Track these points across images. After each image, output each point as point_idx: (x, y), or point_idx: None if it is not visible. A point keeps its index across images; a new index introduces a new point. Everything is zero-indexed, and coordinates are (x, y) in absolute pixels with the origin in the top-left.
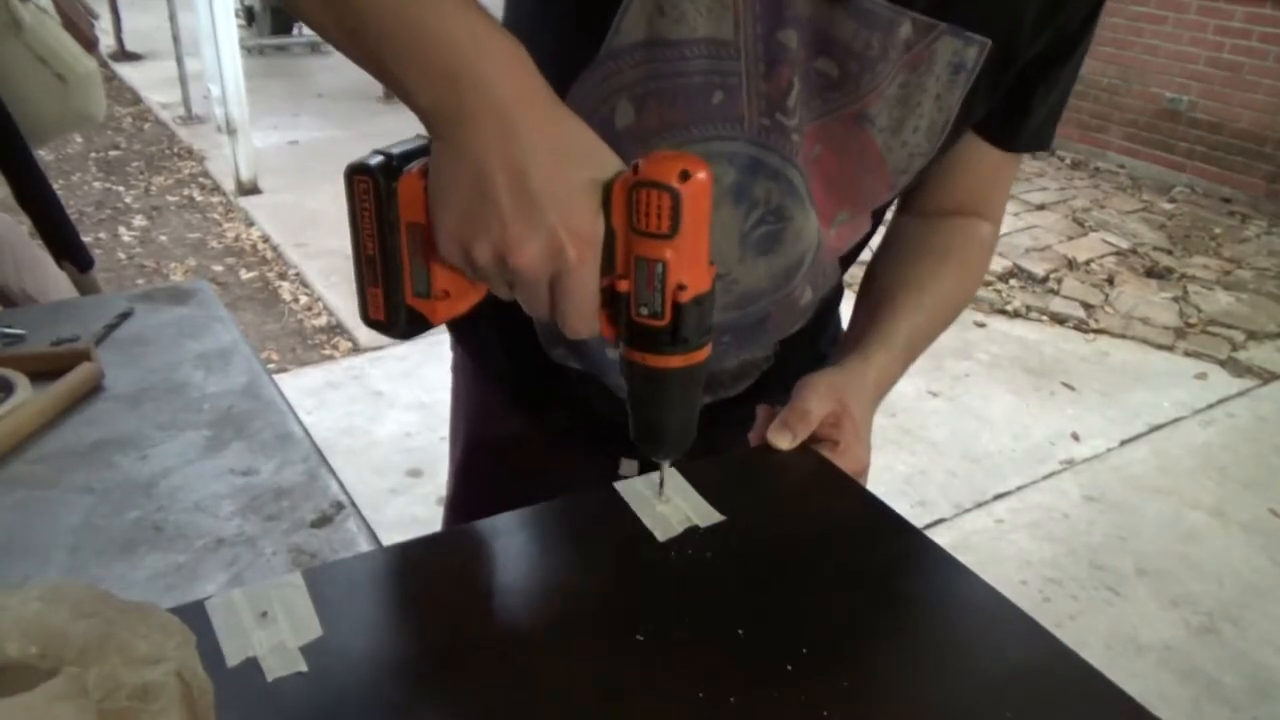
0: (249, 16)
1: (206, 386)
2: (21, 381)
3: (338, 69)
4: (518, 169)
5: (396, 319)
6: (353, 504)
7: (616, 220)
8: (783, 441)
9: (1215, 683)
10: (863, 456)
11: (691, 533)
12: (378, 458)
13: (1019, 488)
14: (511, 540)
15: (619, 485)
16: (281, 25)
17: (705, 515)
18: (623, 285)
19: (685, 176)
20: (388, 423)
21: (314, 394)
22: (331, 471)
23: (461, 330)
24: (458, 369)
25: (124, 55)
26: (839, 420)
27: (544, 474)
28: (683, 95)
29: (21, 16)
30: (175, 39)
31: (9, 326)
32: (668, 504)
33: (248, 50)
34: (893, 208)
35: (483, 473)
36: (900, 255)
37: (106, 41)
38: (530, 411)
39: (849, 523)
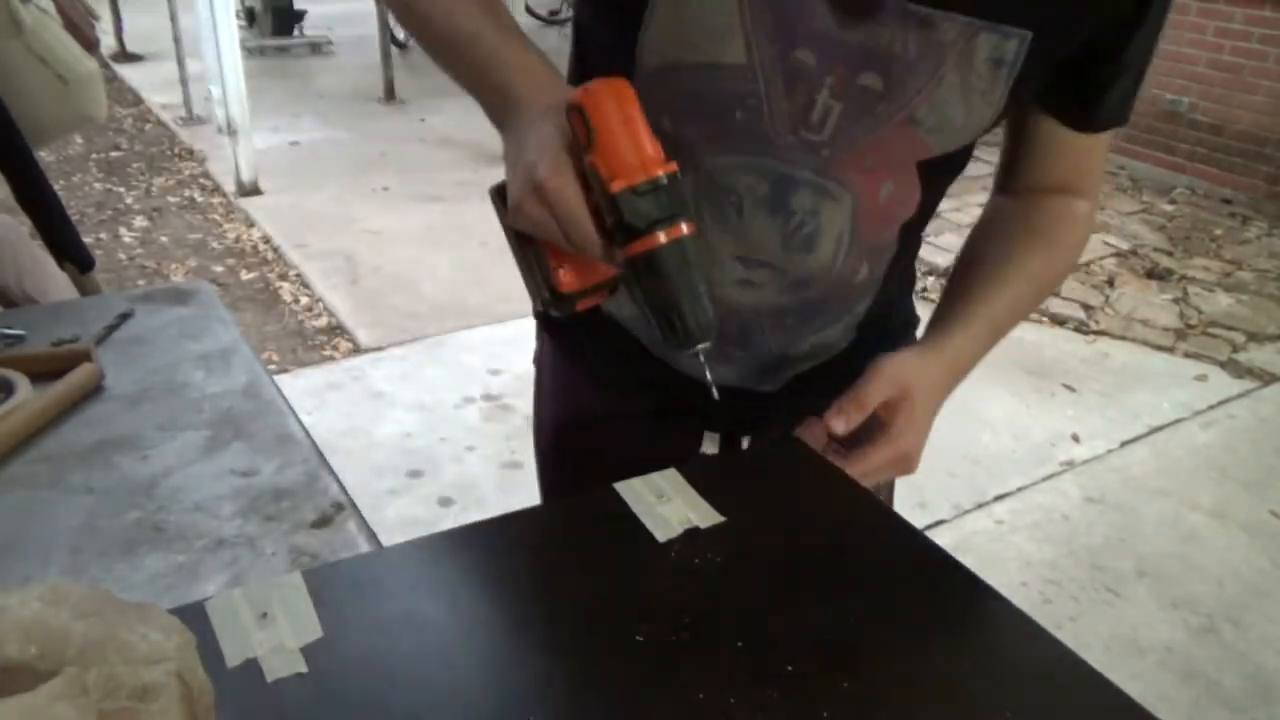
0: (250, 17)
1: (207, 387)
2: (22, 382)
3: (339, 70)
4: (516, 143)
5: (545, 299)
6: (353, 505)
7: (572, 150)
8: (838, 425)
9: (1215, 684)
10: (911, 444)
11: (692, 533)
12: (378, 458)
13: (1019, 489)
14: (512, 541)
15: (620, 486)
16: (282, 26)
17: (705, 516)
18: (590, 200)
19: (587, 92)
20: (388, 423)
21: (314, 394)
22: (331, 472)
23: (547, 321)
24: (542, 360)
25: (125, 56)
26: (897, 405)
27: (629, 452)
28: (708, 114)
29: (22, 17)
30: (176, 40)
31: (9, 327)
32: (668, 505)
33: (248, 51)
34: (961, 180)
35: (569, 454)
36: (990, 234)
37: (107, 42)
38: (615, 394)
39: (848, 524)
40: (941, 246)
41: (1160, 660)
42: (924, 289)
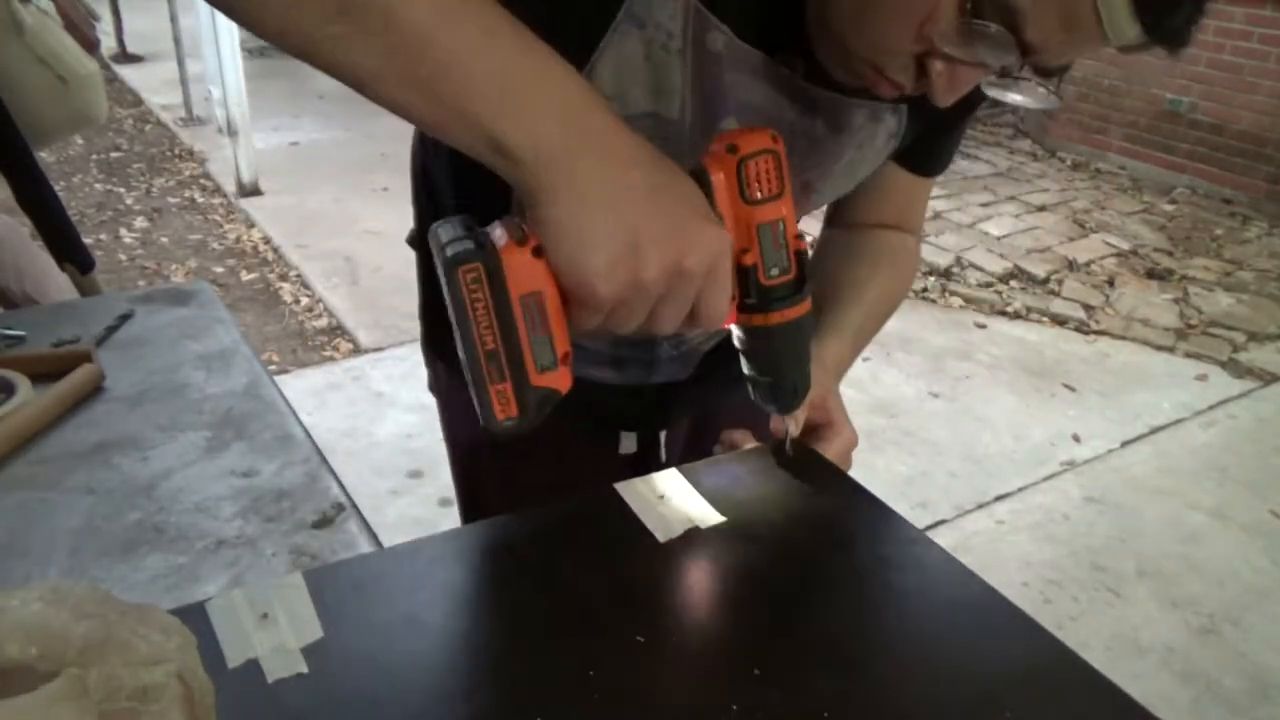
0: None
1: (207, 388)
2: (22, 383)
3: None
4: (650, 184)
5: (528, 409)
6: (353, 505)
7: (723, 203)
8: (792, 428)
9: (1216, 684)
10: (853, 434)
11: (692, 534)
12: (378, 459)
13: (1020, 489)
14: (513, 542)
15: (620, 486)
16: None
17: (706, 516)
18: (748, 259)
19: (775, 138)
20: (388, 424)
21: (315, 395)
22: (332, 473)
23: (440, 351)
24: (438, 385)
25: (125, 57)
26: (824, 402)
27: (547, 460)
28: None
29: (23, 18)
30: (176, 41)
31: (10, 328)
32: (669, 505)
33: (249, 52)
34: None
35: (487, 472)
36: (836, 262)
37: (108, 43)
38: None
39: (849, 523)
40: (942, 247)
41: (1161, 660)
42: (924, 289)
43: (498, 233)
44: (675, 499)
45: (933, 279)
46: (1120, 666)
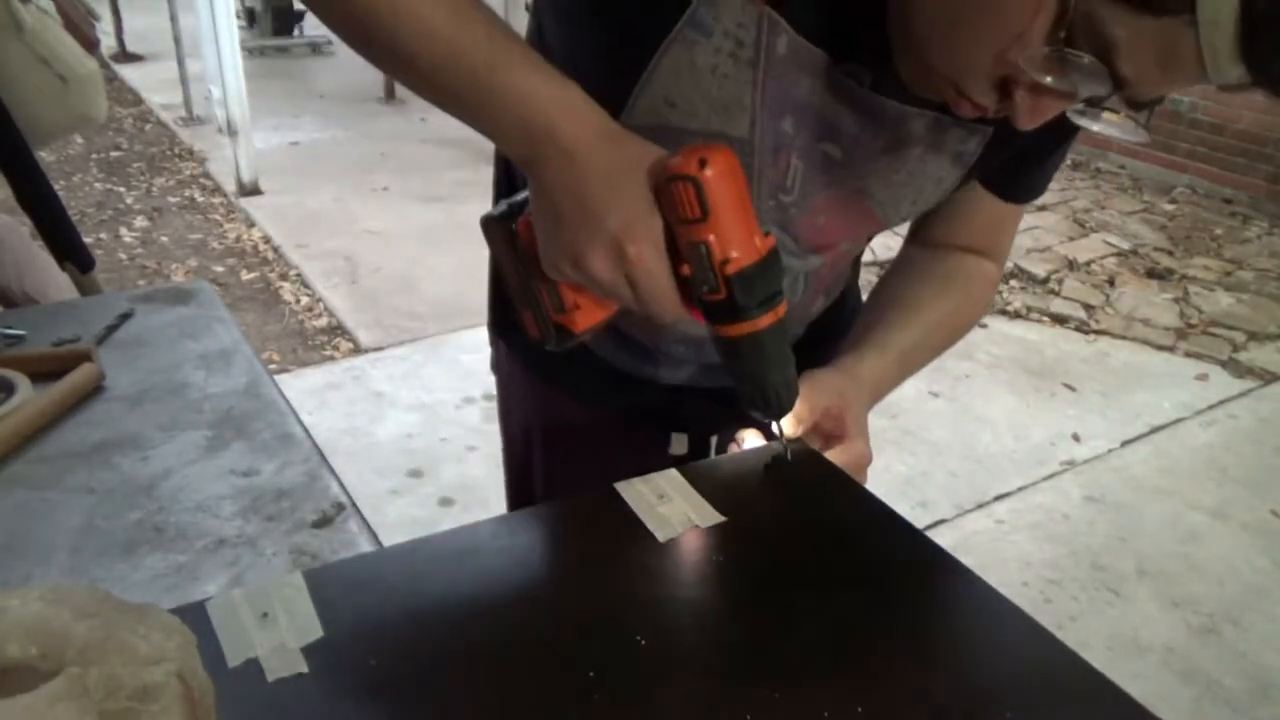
0: (250, 18)
1: (207, 387)
2: (22, 382)
3: (339, 70)
4: (578, 194)
5: (548, 334)
6: (353, 505)
7: (666, 215)
8: (789, 428)
9: (1216, 683)
10: (866, 450)
11: (692, 533)
12: (379, 458)
13: (1020, 488)
14: (513, 541)
15: (620, 486)
16: (282, 26)
17: (706, 516)
18: (685, 270)
19: (703, 164)
20: (389, 423)
21: (315, 395)
22: (332, 472)
23: (504, 328)
24: (500, 365)
25: (125, 56)
26: (841, 414)
27: (598, 457)
28: None
29: (22, 17)
30: (176, 40)
31: (10, 327)
32: (669, 505)
33: (249, 51)
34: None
35: (535, 461)
36: (904, 279)
37: (107, 42)
38: (580, 400)
39: (849, 523)
40: None
41: (1161, 660)
42: None
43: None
44: (675, 499)
45: None
46: (1120, 666)
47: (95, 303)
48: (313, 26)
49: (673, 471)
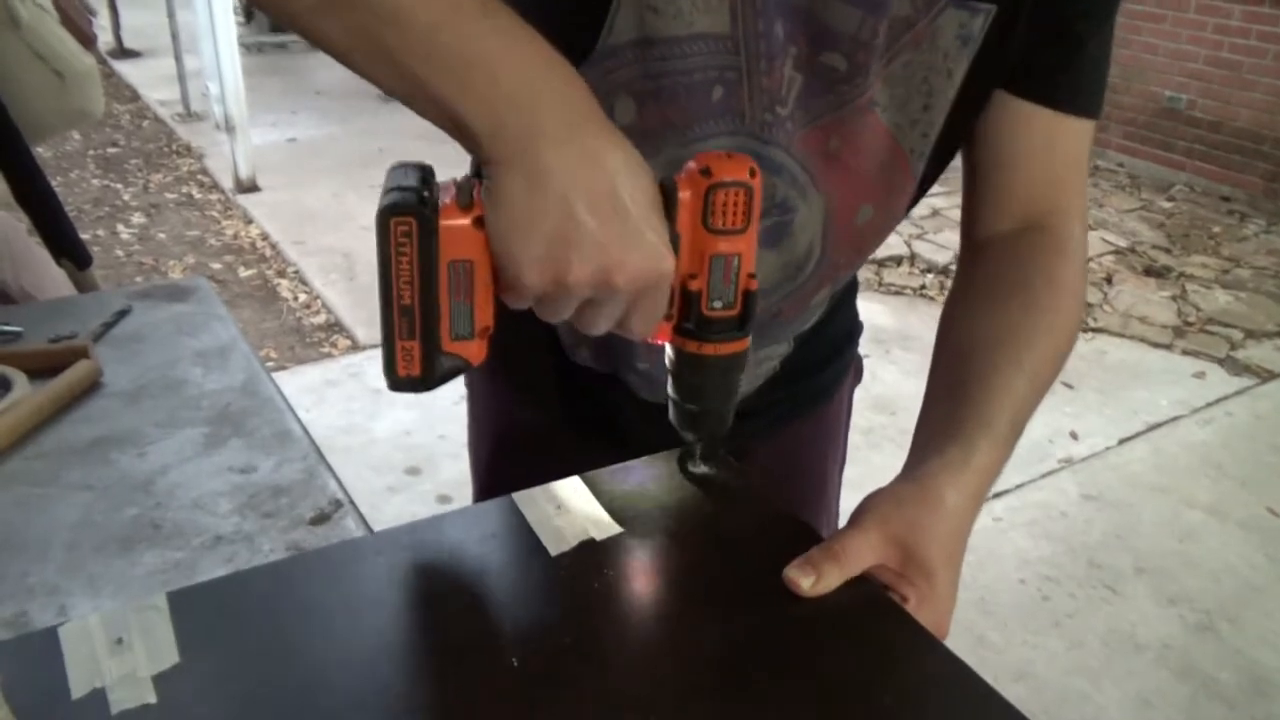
0: (248, 14)
1: (205, 384)
2: (19, 379)
3: (336, 66)
4: (607, 190)
5: (432, 372)
6: (351, 502)
7: (684, 223)
8: (804, 581)
9: (1212, 680)
10: (940, 614)
11: (587, 546)
12: (376, 455)
13: (1017, 486)
14: (393, 556)
15: (517, 497)
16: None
17: (603, 528)
18: (695, 285)
19: (754, 173)
20: (386, 420)
21: (312, 391)
22: (330, 469)
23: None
24: (471, 380)
25: (122, 52)
26: (903, 569)
27: (566, 471)
28: (682, 93)
29: (19, 13)
30: (174, 36)
31: (6, 323)
32: (566, 516)
33: (246, 48)
34: (916, 207)
35: (506, 474)
36: (980, 303)
37: (105, 38)
38: (551, 412)
39: (752, 535)
40: (942, 244)
41: (1157, 657)
42: (922, 286)
43: (448, 192)
44: (574, 509)
45: (931, 276)
46: (1117, 663)
47: (92, 299)
48: None
49: (576, 479)
